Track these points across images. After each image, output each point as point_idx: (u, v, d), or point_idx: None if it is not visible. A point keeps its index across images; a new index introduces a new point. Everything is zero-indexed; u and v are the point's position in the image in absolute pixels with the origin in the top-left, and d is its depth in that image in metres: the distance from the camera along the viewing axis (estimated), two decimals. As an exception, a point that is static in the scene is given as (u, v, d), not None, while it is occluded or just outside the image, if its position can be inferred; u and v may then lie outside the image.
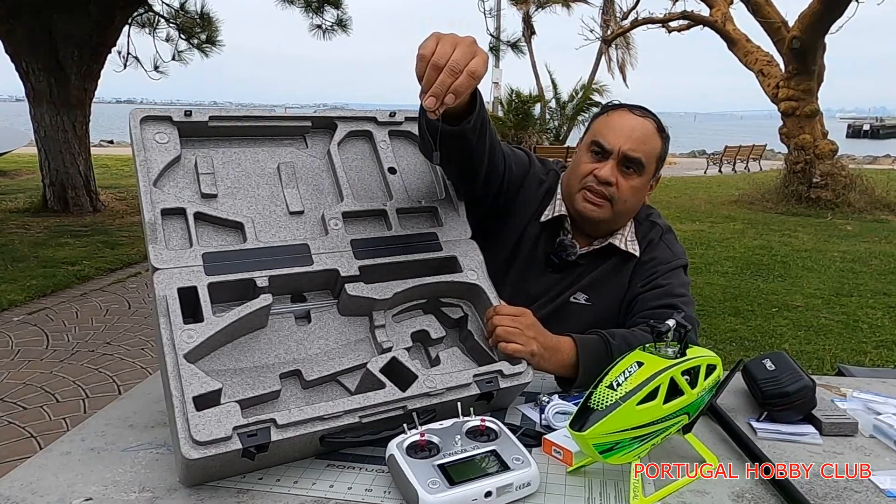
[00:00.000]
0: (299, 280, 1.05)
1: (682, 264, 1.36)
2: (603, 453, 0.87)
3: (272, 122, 1.13)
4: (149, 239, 0.97)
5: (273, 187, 1.10)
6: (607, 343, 1.18)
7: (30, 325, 4.35)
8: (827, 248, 7.43)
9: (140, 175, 0.99)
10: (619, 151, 1.27)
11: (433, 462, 0.86)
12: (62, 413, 3.13)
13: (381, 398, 0.95)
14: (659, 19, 13.07)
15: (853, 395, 1.22)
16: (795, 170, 10.68)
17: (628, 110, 1.31)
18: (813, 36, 9.71)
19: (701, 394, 0.92)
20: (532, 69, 21.37)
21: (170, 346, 0.90)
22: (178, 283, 0.95)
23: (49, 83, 7.81)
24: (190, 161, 1.06)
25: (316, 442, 0.92)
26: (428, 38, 0.96)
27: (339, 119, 1.19)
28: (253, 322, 1.01)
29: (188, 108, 1.07)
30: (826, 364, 3.81)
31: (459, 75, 0.93)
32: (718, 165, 18.37)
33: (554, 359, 1.14)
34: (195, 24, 10.30)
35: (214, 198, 1.05)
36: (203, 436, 0.83)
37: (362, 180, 1.18)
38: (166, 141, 1.03)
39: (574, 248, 1.35)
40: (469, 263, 1.17)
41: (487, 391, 1.03)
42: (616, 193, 1.28)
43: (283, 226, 1.08)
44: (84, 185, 8.29)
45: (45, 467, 0.94)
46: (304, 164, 1.15)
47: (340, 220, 1.10)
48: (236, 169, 1.09)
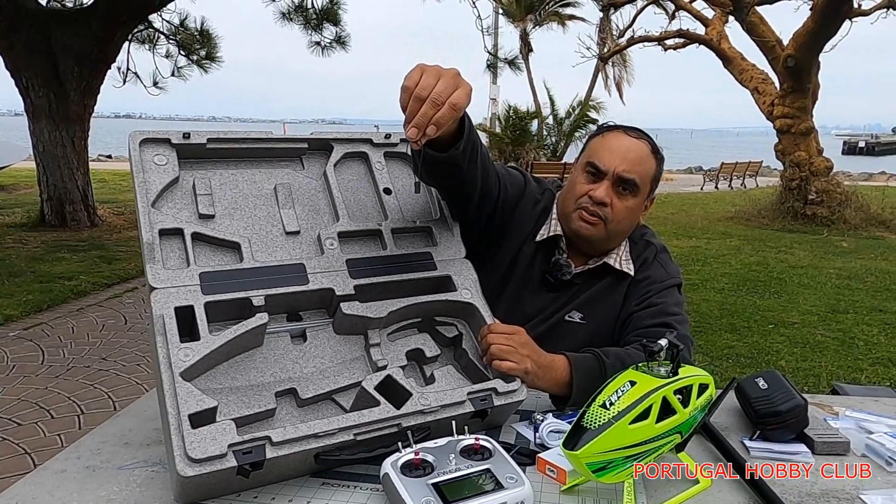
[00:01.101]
0: (295, 299, 1.06)
1: (675, 283, 1.37)
2: (596, 472, 0.88)
3: (269, 144, 1.15)
4: (147, 258, 0.98)
5: (270, 208, 1.12)
6: (601, 361, 1.18)
7: (25, 341, 4.34)
8: (823, 264, 7.46)
9: (139, 196, 1.01)
10: (613, 172, 1.29)
11: (427, 480, 0.87)
12: (57, 429, 3.11)
13: (375, 416, 0.96)
14: (655, 37, 13.21)
15: (846, 414, 1.23)
16: (791, 186, 10.75)
17: (623, 131, 1.33)
18: (807, 54, 9.82)
19: (693, 413, 0.93)
20: (529, 86, 21.53)
21: (166, 364, 0.90)
22: (175, 303, 0.96)
23: (48, 98, 7.85)
24: (188, 182, 1.08)
25: (311, 459, 0.92)
26: (412, 69, 0.98)
27: (335, 141, 1.20)
28: (249, 341, 1.01)
29: (187, 130, 1.08)
30: (822, 381, 3.82)
31: (441, 107, 0.95)
32: (715, 182, 18.46)
33: (548, 377, 1.15)
34: (195, 40, 10.37)
35: (212, 218, 1.06)
36: (198, 453, 0.83)
37: (358, 201, 1.19)
38: (165, 163, 1.05)
39: (569, 268, 1.36)
40: (463, 283, 1.18)
41: (482, 409, 1.04)
42: (610, 214, 1.30)
43: (279, 246, 1.09)
44: (82, 200, 8.30)
45: (41, 485, 0.94)
46: (301, 185, 1.17)
47: (336, 240, 1.12)
48: (233, 190, 1.11)
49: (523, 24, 21.96)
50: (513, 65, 12.16)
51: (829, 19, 9.21)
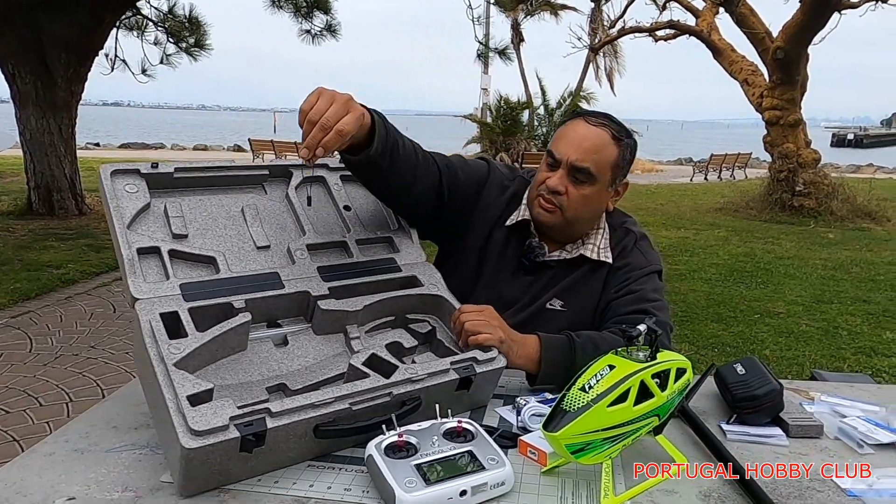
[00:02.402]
0: (274, 304, 1.11)
1: (655, 270, 1.39)
2: (575, 453, 0.90)
3: (233, 172, 1.23)
4: (128, 273, 1.02)
5: (239, 227, 1.19)
6: (571, 341, 1.23)
7: (13, 329, 4.33)
8: (809, 255, 7.53)
9: (115, 219, 1.06)
10: (567, 161, 1.31)
11: (410, 462, 0.89)
12: (45, 417, 3.12)
13: (367, 385, 0.99)
14: (646, 28, 13.20)
15: (821, 399, 1.26)
16: (779, 178, 10.81)
17: (583, 119, 1.34)
18: (796, 46, 9.86)
19: (671, 396, 0.96)
20: (521, 76, 21.48)
21: (158, 359, 0.93)
22: (159, 309, 0.99)
23: (35, 85, 7.76)
24: (159, 207, 1.14)
25: (310, 434, 0.94)
26: (311, 92, 1.07)
27: (293, 167, 1.29)
28: (234, 340, 1.05)
29: (154, 161, 1.15)
30: (805, 370, 3.87)
31: (329, 132, 1.04)
32: (704, 173, 18.53)
33: (521, 351, 1.20)
34: (183, 27, 10.28)
35: (185, 237, 1.12)
36: (201, 425, 0.84)
37: (321, 218, 1.27)
38: (136, 191, 1.12)
39: (542, 249, 1.39)
40: (429, 280, 1.26)
41: (466, 376, 1.08)
42: (566, 202, 1.33)
43: (252, 259, 1.15)
44: (70, 188, 8.24)
45: (29, 467, 0.95)
46: (266, 207, 1.24)
47: (305, 251, 1.18)
48: (203, 213, 1.17)
49: (515, 14, 21.89)
50: (504, 55, 12.12)
51: (818, 12, 9.25)
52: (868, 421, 1.14)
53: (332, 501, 0.89)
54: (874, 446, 1.08)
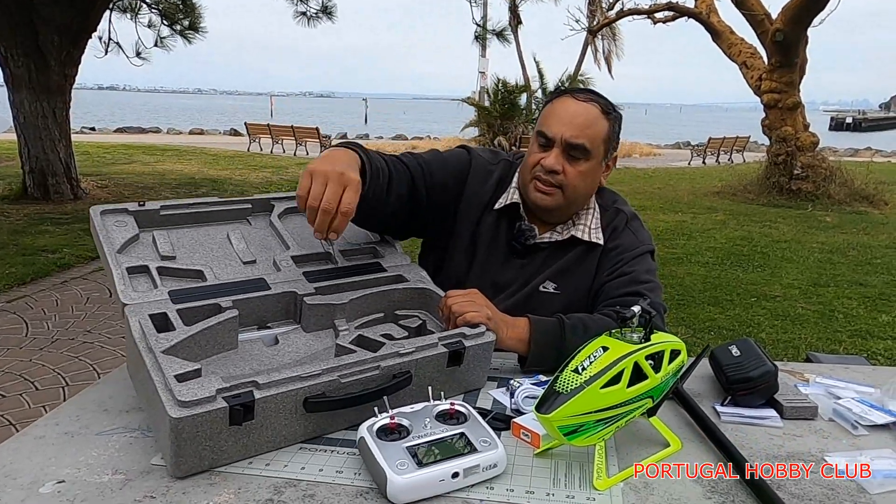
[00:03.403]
0: (262, 305, 1.13)
1: (647, 250, 1.38)
2: (567, 435, 0.89)
3: (218, 207, 1.28)
4: (117, 284, 1.06)
5: (226, 248, 1.23)
6: (561, 322, 1.22)
7: (9, 313, 4.32)
8: (806, 239, 7.53)
9: (105, 246, 1.12)
10: (561, 139, 1.30)
11: (402, 444, 0.88)
12: (42, 401, 3.12)
13: (355, 359, 1.00)
14: (644, 10, 13.11)
15: (815, 381, 1.26)
16: (777, 161, 10.79)
17: (570, 96, 1.33)
18: (796, 29, 9.80)
19: (665, 378, 0.95)
20: (518, 59, 21.30)
21: (147, 350, 0.95)
22: (148, 311, 1.02)
23: (28, 68, 7.68)
24: (147, 238, 1.19)
25: (301, 410, 0.94)
26: (302, 176, 1.10)
27: (275, 200, 1.33)
28: (223, 337, 1.06)
29: (141, 200, 1.21)
30: (801, 353, 3.88)
31: (335, 215, 1.08)
32: (702, 157, 18.50)
33: (511, 332, 1.20)
34: (177, 9, 10.18)
35: (173, 258, 1.16)
36: (187, 396, 0.85)
37: (304, 237, 1.29)
38: (125, 225, 1.18)
39: (532, 231, 1.38)
40: (415, 276, 1.27)
41: (455, 350, 1.08)
42: (564, 180, 1.31)
43: (239, 271, 1.19)
44: (65, 173, 8.19)
45: (19, 450, 0.95)
46: (251, 233, 1.29)
47: (291, 262, 1.22)
48: (190, 240, 1.23)
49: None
50: (501, 37, 12.05)
51: (818, -7, 9.18)
52: (862, 402, 1.14)
53: (324, 483, 0.88)
54: (868, 428, 1.07)
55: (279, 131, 17.50)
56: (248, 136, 18.35)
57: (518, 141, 14.69)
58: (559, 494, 0.87)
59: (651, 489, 0.89)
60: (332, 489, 0.87)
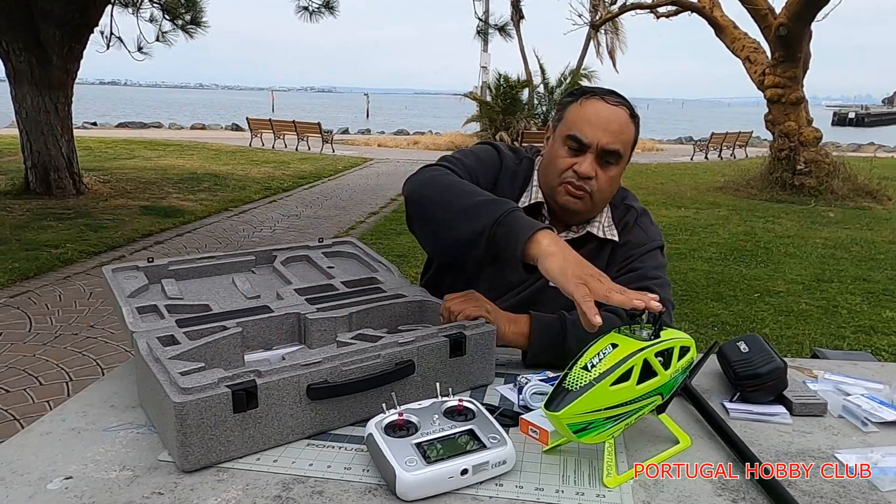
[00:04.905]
0: (266, 327, 1.16)
1: (657, 246, 1.37)
2: (577, 433, 0.89)
3: (223, 260, 1.36)
4: (126, 318, 1.10)
5: (231, 290, 1.30)
6: (562, 318, 1.22)
7: (12, 309, 4.32)
8: (809, 234, 7.52)
9: (116, 293, 1.19)
10: (597, 146, 1.28)
11: (411, 441, 0.88)
12: (45, 396, 3.12)
13: (356, 348, 1.02)
14: (647, 5, 13.05)
15: (824, 377, 1.25)
16: (780, 157, 10.76)
17: (601, 98, 1.30)
18: (799, 23, 9.75)
19: (674, 375, 0.94)
20: (520, 54, 21.26)
21: (153, 360, 0.97)
22: (156, 334, 1.05)
23: (30, 63, 7.68)
24: (157, 287, 1.28)
25: (305, 399, 0.94)
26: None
27: (277, 251, 1.42)
28: (228, 352, 1.07)
29: (150, 256, 1.29)
30: (805, 348, 3.88)
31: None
32: (705, 152, 18.45)
33: (513, 327, 1.21)
34: (179, 4, 10.16)
35: (181, 299, 1.22)
36: (190, 384, 0.87)
37: (307, 277, 1.36)
38: (135, 278, 1.27)
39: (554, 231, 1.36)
40: (413, 292, 1.30)
41: (456, 339, 1.09)
42: (596, 186, 1.30)
43: (243, 303, 1.23)
44: (67, 168, 8.19)
45: (25, 447, 0.94)
46: (255, 278, 1.36)
47: (294, 292, 1.26)
48: (197, 287, 1.30)
49: (515, -10, 21.60)
50: (503, 31, 12.04)
51: (822, -12, 9.14)
52: (872, 399, 1.13)
53: (332, 480, 0.88)
54: (878, 424, 1.07)
55: (281, 126, 17.48)
56: (249, 131, 18.32)
57: (520, 136, 14.65)
58: (568, 491, 0.87)
59: (661, 486, 0.89)
60: (340, 486, 0.87)
